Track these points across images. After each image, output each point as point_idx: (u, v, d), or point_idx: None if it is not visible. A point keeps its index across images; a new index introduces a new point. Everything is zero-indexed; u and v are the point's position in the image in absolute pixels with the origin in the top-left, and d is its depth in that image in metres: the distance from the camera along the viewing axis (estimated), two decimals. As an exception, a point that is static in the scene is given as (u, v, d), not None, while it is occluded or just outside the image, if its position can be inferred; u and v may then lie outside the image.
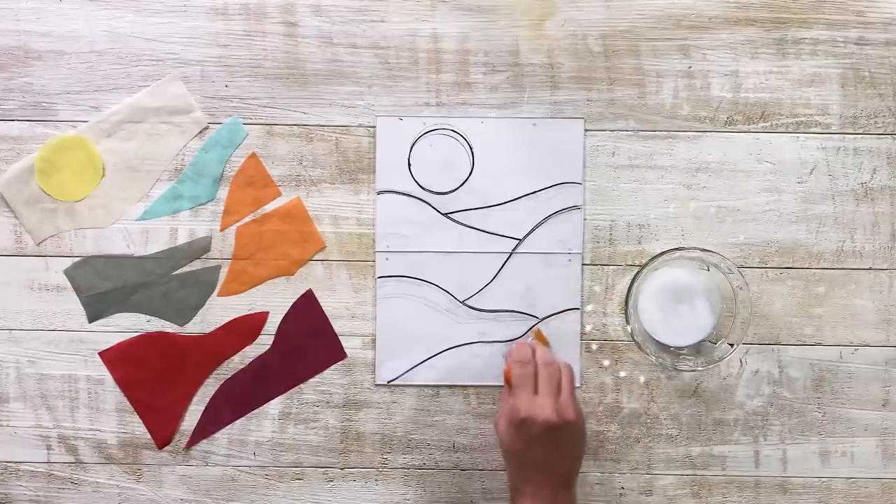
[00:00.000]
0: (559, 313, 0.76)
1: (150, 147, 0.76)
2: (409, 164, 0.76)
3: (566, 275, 0.76)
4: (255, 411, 0.77)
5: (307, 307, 0.77)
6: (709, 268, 0.75)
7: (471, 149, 0.76)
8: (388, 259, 0.76)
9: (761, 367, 0.76)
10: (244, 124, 0.76)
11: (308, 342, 0.77)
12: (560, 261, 0.76)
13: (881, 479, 0.77)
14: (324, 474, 0.77)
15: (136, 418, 0.77)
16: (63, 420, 0.77)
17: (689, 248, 0.74)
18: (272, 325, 0.77)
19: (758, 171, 0.76)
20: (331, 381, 0.77)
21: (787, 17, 0.75)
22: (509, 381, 0.68)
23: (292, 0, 0.76)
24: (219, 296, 0.77)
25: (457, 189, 0.76)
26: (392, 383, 0.77)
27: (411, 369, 0.77)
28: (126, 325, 0.77)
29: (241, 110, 0.76)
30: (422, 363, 0.76)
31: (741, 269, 0.73)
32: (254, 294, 0.77)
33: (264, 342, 0.77)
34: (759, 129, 0.76)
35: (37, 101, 0.76)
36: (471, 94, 0.76)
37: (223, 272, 0.77)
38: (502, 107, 0.76)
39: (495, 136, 0.76)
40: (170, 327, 0.77)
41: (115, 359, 0.77)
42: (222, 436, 0.77)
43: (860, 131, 0.76)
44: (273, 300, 0.77)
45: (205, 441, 0.77)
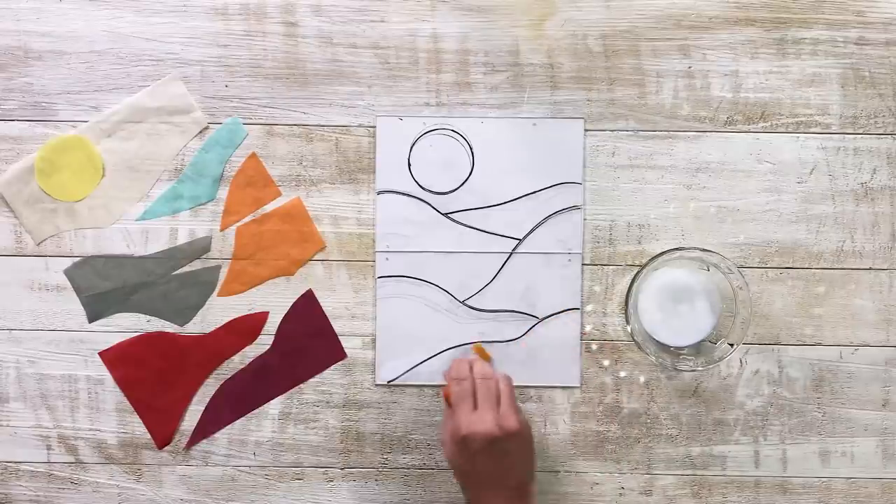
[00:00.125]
0: (559, 313, 0.76)
1: (150, 147, 0.76)
2: (409, 164, 0.76)
3: (566, 275, 0.76)
4: (255, 411, 0.77)
5: (307, 307, 0.77)
6: (709, 268, 0.75)
7: (471, 149, 0.76)
8: (388, 259, 0.76)
9: (761, 367, 0.76)
10: (244, 124, 0.76)
11: (308, 342, 0.77)
12: (560, 261, 0.76)
13: (881, 479, 0.77)
14: (324, 474, 0.77)
15: (136, 418, 0.77)
16: (63, 420, 0.77)
17: (689, 248, 0.74)
18: (272, 325, 0.77)
19: (758, 171, 0.76)
20: (331, 381, 0.77)
21: (787, 17, 0.75)
22: (449, 400, 0.68)
23: (292, 0, 0.76)
24: (219, 296, 0.77)
25: (457, 189, 0.76)
26: (392, 383, 0.77)
27: (411, 369, 0.77)
28: (126, 325, 0.77)
29: (241, 110, 0.76)
30: (422, 363, 0.76)
31: (741, 269, 0.73)
32: (254, 294, 0.77)
33: (264, 342, 0.77)
34: (759, 129, 0.76)
35: (37, 101, 0.76)
36: (471, 94, 0.76)
37: (223, 272, 0.77)
38: (502, 107, 0.76)
39: (495, 136, 0.76)
40: (170, 327, 0.77)
41: (115, 359, 0.77)
42: (222, 436, 0.77)
43: (860, 131, 0.76)
44: (273, 300, 0.77)
45: (205, 441, 0.77)
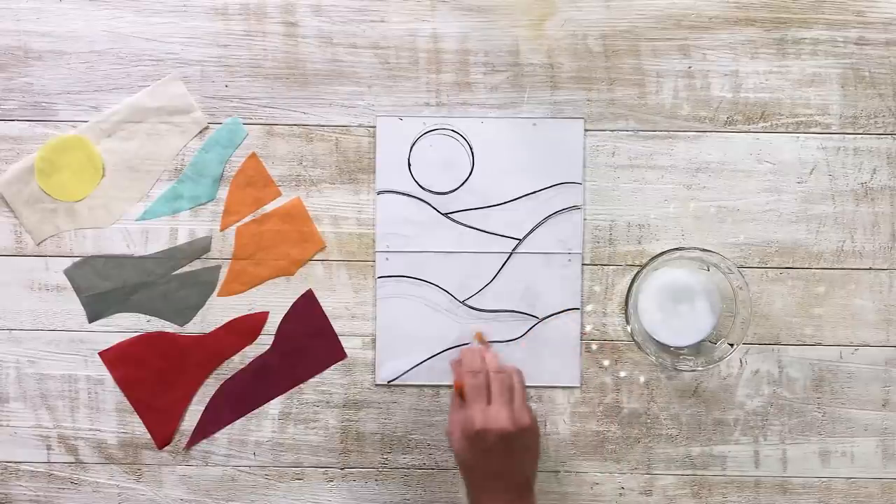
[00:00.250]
0: (559, 313, 0.76)
1: (150, 147, 0.76)
2: (409, 164, 0.76)
3: (566, 275, 0.76)
4: (255, 411, 0.77)
5: (307, 307, 0.77)
6: (709, 268, 0.75)
7: (471, 149, 0.76)
8: (388, 259, 0.76)
9: (761, 367, 0.76)
10: (244, 124, 0.76)
11: (308, 342, 0.77)
12: (560, 261, 0.76)
13: (881, 479, 0.77)
14: (324, 474, 0.77)
15: (136, 418, 0.77)
16: (63, 420, 0.77)
17: (689, 248, 0.74)
18: (272, 325, 0.77)
19: (758, 171, 0.76)
20: (331, 381, 0.77)
21: (787, 17, 0.75)
22: (460, 392, 0.67)
23: (292, 0, 0.76)
24: (219, 296, 0.77)
25: (457, 189, 0.76)
26: (392, 383, 0.77)
27: (411, 369, 0.77)
28: (126, 325, 0.77)
29: (241, 110, 0.76)
30: (422, 363, 0.76)
31: (741, 269, 0.73)
32: (254, 294, 0.77)
33: (264, 342, 0.77)
34: (759, 129, 0.76)
35: (37, 101, 0.76)
36: (471, 94, 0.76)
37: (223, 272, 0.77)
38: (502, 107, 0.76)
39: (495, 136, 0.76)
40: (170, 327, 0.77)
41: (115, 359, 0.77)
42: (222, 436, 0.77)
43: (860, 131, 0.76)
44: (273, 300, 0.77)
45: (205, 441, 0.77)
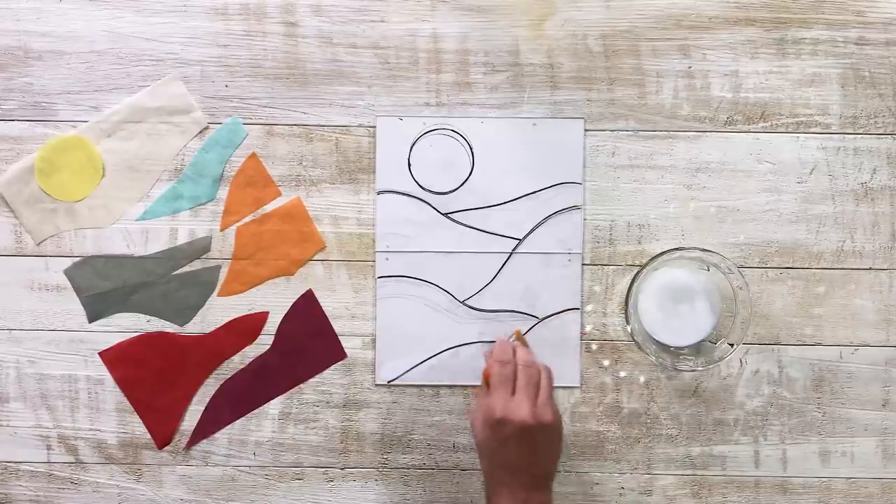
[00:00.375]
0: (559, 313, 0.76)
1: (150, 147, 0.76)
2: (409, 164, 0.76)
3: (566, 275, 0.76)
4: (255, 411, 0.77)
5: (307, 307, 0.77)
6: (709, 268, 0.75)
7: (471, 149, 0.76)
8: (388, 259, 0.76)
9: (761, 367, 0.76)
10: (244, 124, 0.76)
11: (308, 342, 0.77)
12: (560, 261, 0.76)
13: (881, 479, 0.77)
14: (324, 474, 0.77)
15: (136, 418, 0.77)
16: (63, 420, 0.77)
17: (689, 248, 0.74)
18: (272, 325, 0.77)
19: (758, 171, 0.76)
20: (331, 381, 0.77)
21: (787, 17, 0.75)
22: (488, 380, 0.68)
23: (292, 0, 0.76)
24: (219, 296, 0.77)
25: (457, 189, 0.76)
26: (392, 383, 0.77)
27: (411, 369, 0.77)
28: (126, 325, 0.77)
29: (241, 110, 0.76)
30: (422, 363, 0.76)
31: (741, 269, 0.73)
32: (254, 294, 0.77)
33: (264, 342, 0.77)
34: (759, 129, 0.76)
35: (37, 101, 0.76)
36: (471, 94, 0.76)
37: (223, 272, 0.77)
38: (502, 107, 0.76)
39: (495, 136, 0.76)
40: (170, 327, 0.77)
41: (115, 359, 0.77)
42: (222, 436, 0.77)
43: (860, 131, 0.76)
44: (273, 300, 0.77)
45: (205, 441, 0.77)
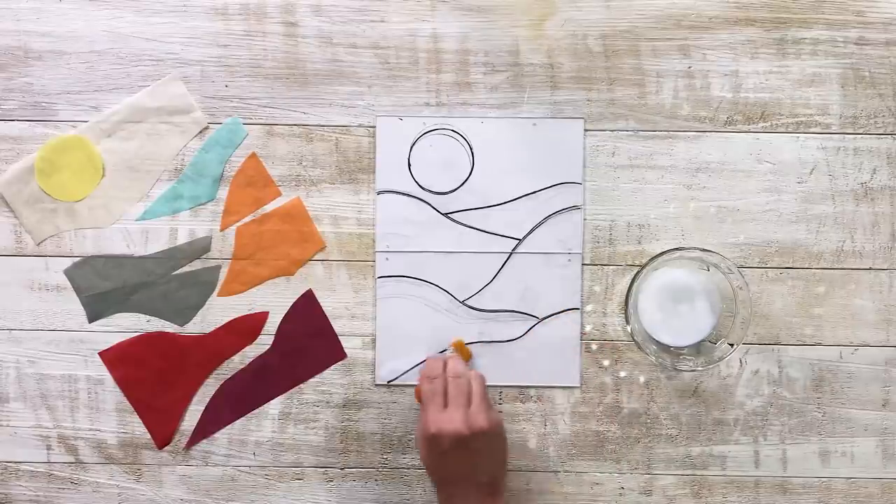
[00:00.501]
0: (559, 313, 0.76)
1: (150, 147, 0.76)
2: (409, 164, 0.76)
3: (566, 275, 0.76)
4: (255, 411, 0.77)
5: (307, 307, 0.77)
6: (709, 268, 0.75)
7: (471, 149, 0.76)
8: (388, 259, 0.76)
9: (761, 367, 0.76)
10: (244, 124, 0.76)
11: (308, 342, 0.77)
12: (560, 261, 0.76)
13: (881, 479, 0.77)
14: (324, 474, 0.77)
15: (136, 418, 0.77)
16: (63, 420, 0.77)
17: (689, 248, 0.74)
18: (272, 325, 0.77)
19: (758, 171, 0.76)
20: (331, 381, 0.77)
21: (787, 17, 0.75)
22: (420, 398, 0.68)
23: (292, 0, 0.76)
24: (219, 296, 0.77)
25: (457, 189, 0.76)
26: (392, 383, 0.77)
27: (411, 369, 0.77)
28: (126, 325, 0.77)
29: (241, 110, 0.76)
30: (422, 363, 0.76)
31: (741, 269, 0.73)
32: (254, 294, 0.77)
33: (264, 342, 0.77)
34: (759, 129, 0.76)
35: (37, 101, 0.76)
36: (471, 94, 0.76)
37: (223, 272, 0.77)
38: (502, 107, 0.76)
39: (495, 136, 0.76)
40: (170, 327, 0.77)
41: (115, 359, 0.77)
42: (222, 436, 0.77)
43: (860, 131, 0.76)
44: (273, 300, 0.77)
45: (205, 441, 0.77)
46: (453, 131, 0.76)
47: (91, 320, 0.77)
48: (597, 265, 0.76)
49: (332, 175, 0.76)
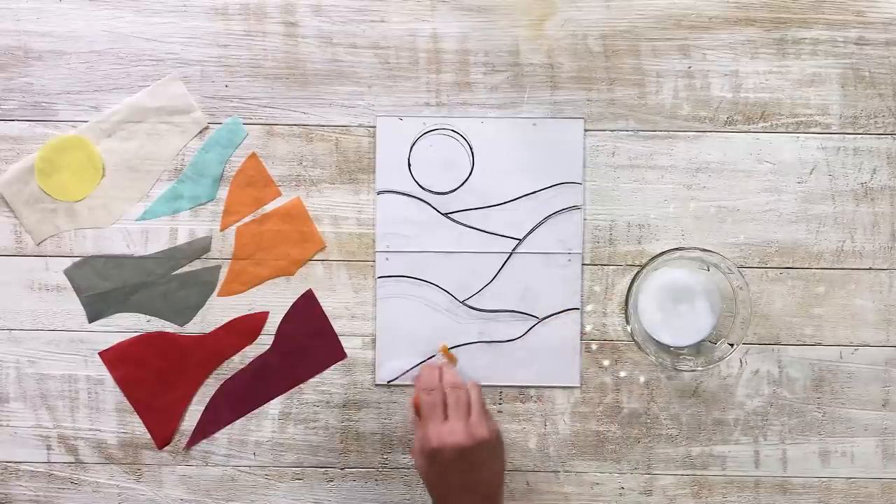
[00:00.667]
0: (559, 313, 0.76)
1: (150, 147, 0.76)
2: (409, 164, 0.76)
3: (566, 275, 0.76)
4: (255, 411, 0.77)
5: (307, 307, 0.77)
6: (709, 268, 0.75)
7: (471, 149, 0.76)
8: (388, 259, 0.76)
9: (761, 367, 0.76)
10: (244, 124, 0.76)
11: (308, 342, 0.77)
12: (560, 261, 0.76)
13: (881, 479, 0.77)
14: (324, 474, 0.77)
15: (136, 418, 0.77)
16: (63, 420, 0.77)
17: (689, 248, 0.74)
18: (272, 325, 0.77)
19: (758, 171, 0.76)
20: (331, 381, 0.77)
21: (787, 17, 0.75)
22: (418, 410, 0.68)
23: (292, 0, 0.76)
24: (219, 296, 0.77)
25: (457, 189, 0.76)
26: (392, 383, 0.77)
27: (411, 369, 0.77)
28: (126, 325, 0.77)
29: (241, 110, 0.76)
30: (422, 363, 0.76)
31: (741, 269, 0.73)
32: (254, 294, 0.77)
33: (264, 342, 0.77)
34: (759, 129, 0.76)
35: (37, 101, 0.76)
36: (471, 94, 0.76)
37: (223, 272, 0.77)
38: (502, 107, 0.76)
39: (495, 136, 0.76)
40: (170, 327, 0.77)
41: (115, 359, 0.77)
42: (222, 436, 0.77)
43: (860, 131, 0.76)
44: (273, 300, 0.77)
45: (205, 441, 0.77)
46: (453, 131, 0.76)
47: (91, 320, 0.77)
48: (597, 265, 0.76)
49: (332, 175, 0.76)
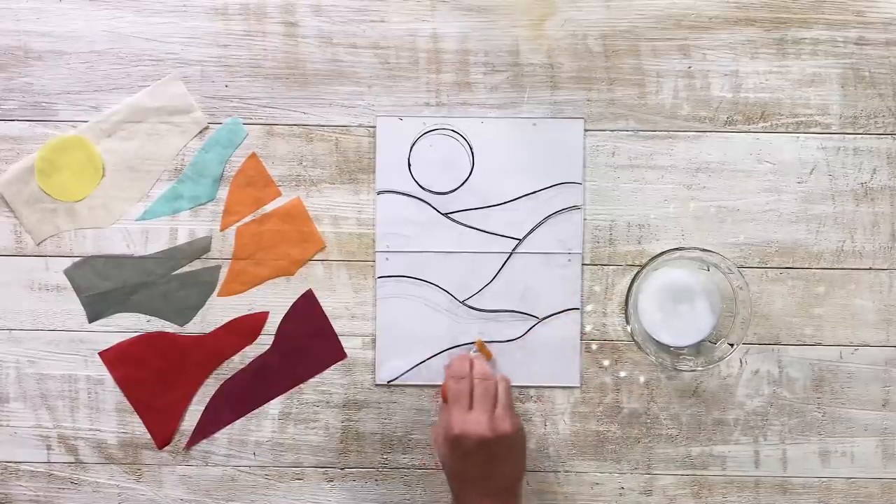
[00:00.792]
0: (559, 313, 0.76)
1: (150, 147, 0.76)
2: (409, 164, 0.76)
3: (566, 275, 0.76)
4: (255, 411, 0.77)
5: (307, 307, 0.77)
6: (709, 268, 0.75)
7: (471, 149, 0.76)
8: (388, 259, 0.76)
9: (761, 367, 0.76)
10: (244, 124, 0.76)
11: (308, 342, 0.77)
12: (560, 261, 0.76)
13: (881, 479, 0.77)
14: (324, 474, 0.77)
15: (136, 418, 0.77)
16: (63, 420, 0.77)
17: (689, 248, 0.74)
18: (272, 325, 0.77)
19: (758, 171, 0.76)
20: (331, 381, 0.77)
21: (787, 17, 0.75)
22: (445, 397, 0.68)
23: (292, 0, 0.76)
24: (219, 296, 0.77)
25: (457, 189, 0.76)
26: (392, 383, 0.77)
27: (411, 369, 0.77)
28: (126, 325, 0.77)
29: (241, 110, 0.76)
30: (422, 363, 0.76)
31: (741, 269, 0.73)
32: (254, 294, 0.77)
33: (264, 342, 0.77)
34: (759, 129, 0.76)
35: (37, 101, 0.76)
36: (471, 94, 0.76)
37: (223, 272, 0.77)
38: (502, 107, 0.76)
39: (495, 136, 0.76)
40: (170, 327, 0.77)
41: (115, 359, 0.77)
42: (222, 436, 0.77)
43: (860, 131, 0.76)
44: (273, 300, 0.77)
45: (205, 441, 0.77)
46: (453, 131, 0.76)
47: (91, 320, 0.77)
48: (597, 265, 0.76)
49: (332, 175, 0.76)
